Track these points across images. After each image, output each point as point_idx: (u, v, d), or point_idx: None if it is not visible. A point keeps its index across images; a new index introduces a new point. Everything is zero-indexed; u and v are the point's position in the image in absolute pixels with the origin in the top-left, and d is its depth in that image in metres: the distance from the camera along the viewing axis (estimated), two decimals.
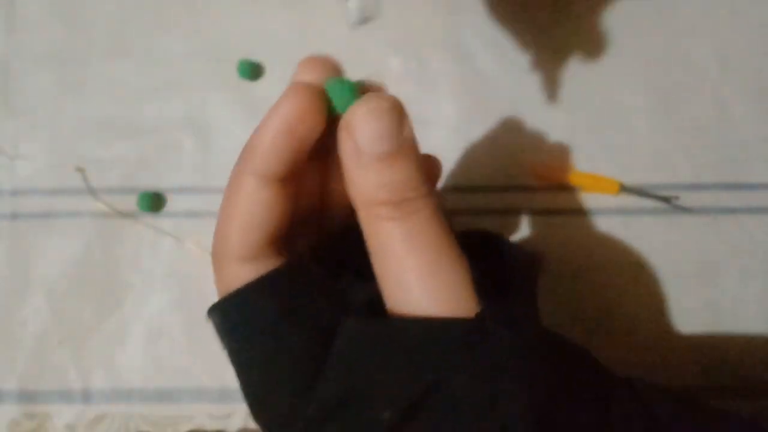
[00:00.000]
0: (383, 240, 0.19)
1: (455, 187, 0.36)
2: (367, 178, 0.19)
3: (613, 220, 0.35)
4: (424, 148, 0.36)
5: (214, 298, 0.34)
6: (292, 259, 0.21)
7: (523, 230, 0.35)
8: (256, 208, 0.20)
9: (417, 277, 0.18)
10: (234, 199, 0.20)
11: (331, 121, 0.20)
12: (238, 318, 0.21)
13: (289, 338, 0.20)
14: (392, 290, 0.19)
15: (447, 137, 0.36)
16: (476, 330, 0.18)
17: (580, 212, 0.35)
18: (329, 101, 0.20)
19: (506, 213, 0.35)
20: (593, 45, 0.38)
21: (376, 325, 0.19)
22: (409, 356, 0.18)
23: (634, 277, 0.34)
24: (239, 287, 0.20)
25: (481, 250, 0.21)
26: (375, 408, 0.18)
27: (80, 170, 0.36)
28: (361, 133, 0.19)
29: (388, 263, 0.19)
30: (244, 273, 0.20)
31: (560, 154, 0.36)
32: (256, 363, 0.20)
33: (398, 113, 0.20)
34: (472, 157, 0.36)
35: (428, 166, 0.24)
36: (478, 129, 0.37)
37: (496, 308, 0.18)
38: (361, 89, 0.21)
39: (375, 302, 0.19)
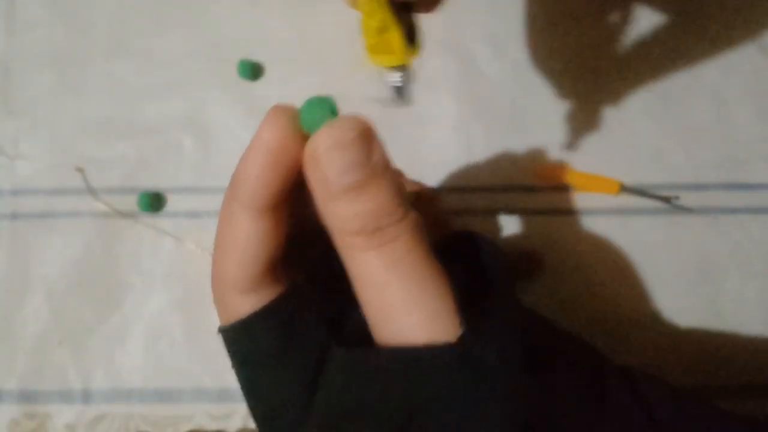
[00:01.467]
0: (361, 270, 0.18)
1: (455, 187, 0.36)
2: (338, 208, 0.18)
3: (613, 220, 0.35)
4: (425, 148, 0.36)
5: None
6: (289, 287, 0.21)
7: (523, 230, 0.35)
8: (251, 242, 0.20)
9: (398, 306, 0.18)
10: (227, 232, 0.20)
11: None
12: (240, 346, 0.21)
13: (289, 365, 0.20)
14: (376, 319, 0.19)
15: (447, 137, 0.36)
16: (458, 356, 0.18)
17: (580, 212, 0.35)
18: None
19: (506, 213, 0.35)
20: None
21: (361, 354, 0.19)
22: (394, 384, 0.18)
23: (634, 277, 0.34)
24: (241, 318, 0.20)
25: (462, 251, 0.22)
26: None
27: (80, 170, 0.36)
28: (327, 166, 0.18)
29: (369, 293, 0.18)
30: (244, 304, 0.20)
31: (560, 154, 0.36)
32: (259, 388, 0.21)
33: (365, 140, 0.19)
34: (472, 157, 0.36)
35: (416, 188, 0.24)
36: (478, 129, 0.37)
37: (478, 328, 0.18)
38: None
39: (365, 327, 0.19)
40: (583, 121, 0.37)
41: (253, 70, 0.38)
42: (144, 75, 0.38)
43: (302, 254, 0.22)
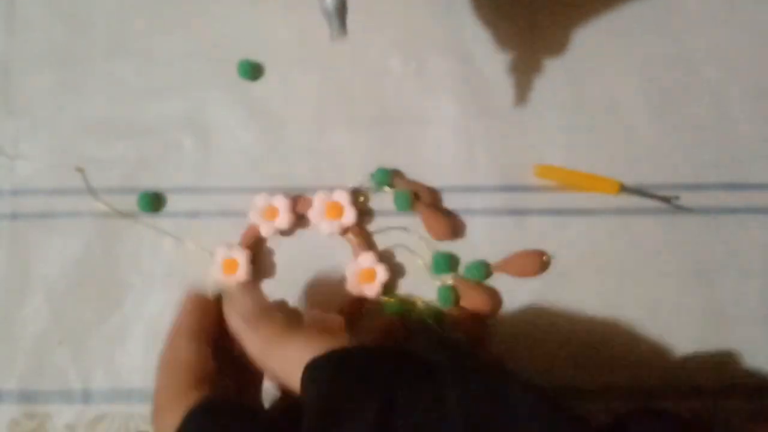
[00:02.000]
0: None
1: (455, 187, 0.36)
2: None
3: (613, 220, 0.35)
4: (425, 147, 0.36)
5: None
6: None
7: (523, 230, 0.35)
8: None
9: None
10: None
11: None
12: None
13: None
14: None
15: (447, 137, 0.36)
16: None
17: (580, 212, 0.35)
18: None
19: (506, 213, 0.35)
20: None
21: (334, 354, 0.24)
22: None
23: (634, 277, 0.34)
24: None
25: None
26: (360, 409, 0.22)
27: (80, 170, 0.36)
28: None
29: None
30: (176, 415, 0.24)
31: (560, 154, 0.36)
32: None
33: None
34: (472, 157, 0.36)
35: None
36: (478, 129, 0.37)
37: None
38: None
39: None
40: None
41: (253, 70, 0.38)
42: (144, 75, 0.38)
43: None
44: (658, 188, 0.35)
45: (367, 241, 0.34)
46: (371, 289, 0.33)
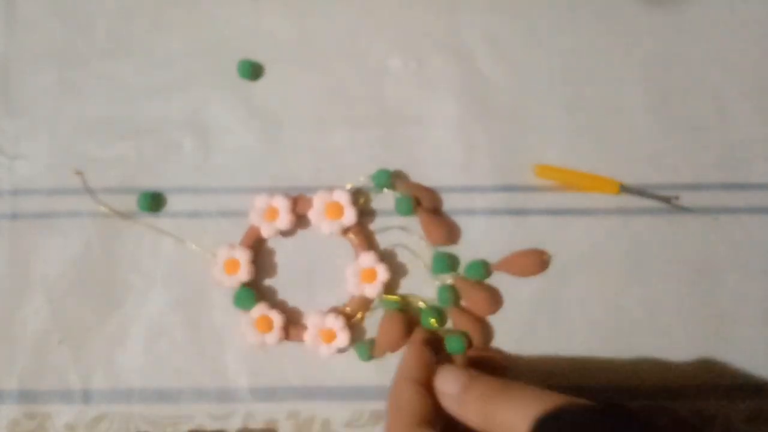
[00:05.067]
0: None
1: (455, 187, 0.36)
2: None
3: (613, 220, 0.35)
4: (425, 147, 0.36)
5: (214, 298, 0.34)
6: None
7: (523, 230, 0.35)
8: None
9: None
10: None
11: None
12: None
13: None
14: None
15: (447, 137, 0.36)
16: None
17: (580, 212, 0.35)
18: None
19: (506, 213, 0.35)
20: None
21: None
22: None
23: (634, 277, 0.34)
24: None
25: None
26: None
27: (79, 173, 0.36)
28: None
29: None
30: None
31: (560, 154, 0.36)
32: None
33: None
34: (472, 157, 0.36)
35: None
36: (478, 129, 0.37)
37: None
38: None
39: None
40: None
41: (253, 70, 0.38)
42: (144, 75, 0.38)
43: None
44: (658, 188, 0.35)
45: (368, 241, 0.34)
46: (372, 289, 0.33)
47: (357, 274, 0.33)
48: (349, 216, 0.34)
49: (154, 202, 0.35)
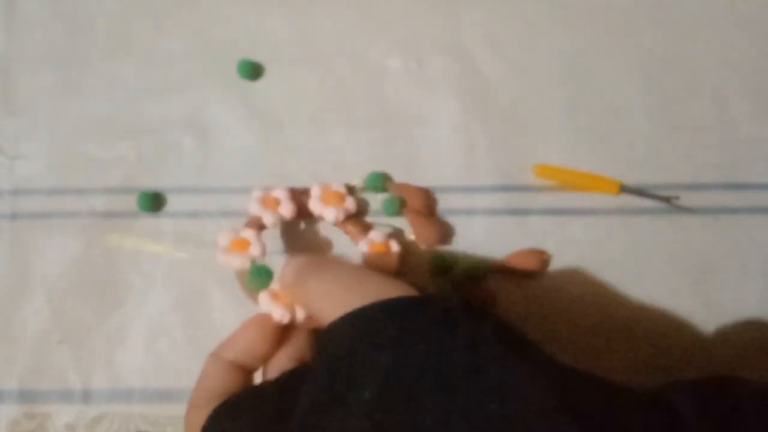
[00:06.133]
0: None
1: (455, 187, 0.36)
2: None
3: (613, 220, 0.35)
4: (425, 147, 0.36)
5: (214, 298, 0.34)
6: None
7: (523, 230, 0.35)
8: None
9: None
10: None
11: None
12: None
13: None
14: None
15: (447, 137, 0.36)
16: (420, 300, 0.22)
17: (580, 212, 0.35)
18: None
19: (507, 213, 0.35)
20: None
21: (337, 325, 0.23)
22: (371, 338, 0.21)
23: (634, 277, 0.34)
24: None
25: None
26: (356, 392, 0.20)
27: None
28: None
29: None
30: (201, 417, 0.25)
31: (560, 154, 0.36)
32: None
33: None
34: (472, 157, 0.36)
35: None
36: (478, 129, 0.37)
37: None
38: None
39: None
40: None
41: (253, 70, 0.38)
42: (144, 75, 0.38)
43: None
44: (658, 188, 0.35)
45: (366, 229, 0.34)
46: (390, 261, 0.32)
47: (369, 250, 0.32)
48: (351, 203, 0.34)
49: (154, 202, 0.35)
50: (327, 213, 0.33)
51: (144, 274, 0.35)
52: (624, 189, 0.35)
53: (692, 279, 0.34)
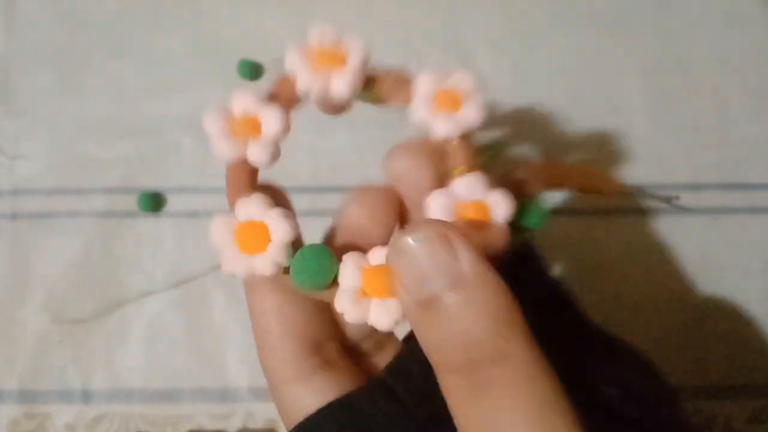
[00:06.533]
0: (459, 421, 0.14)
1: None
2: (417, 331, 0.14)
3: (613, 220, 0.35)
4: None
5: (214, 298, 0.34)
6: (360, 387, 0.18)
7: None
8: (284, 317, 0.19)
9: None
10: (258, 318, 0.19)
11: None
12: None
13: None
14: None
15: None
16: None
17: (580, 212, 0.35)
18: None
19: None
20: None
21: None
22: None
23: (635, 277, 0.34)
24: (301, 422, 0.18)
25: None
26: None
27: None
28: (398, 278, 0.14)
29: None
30: (299, 396, 0.18)
31: (560, 154, 0.36)
32: None
33: (444, 242, 0.14)
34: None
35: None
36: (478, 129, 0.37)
37: None
38: None
39: None
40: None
41: (253, 70, 0.37)
42: (144, 75, 0.38)
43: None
44: (658, 188, 0.35)
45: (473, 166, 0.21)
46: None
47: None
48: (474, 112, 0.20)
49: (155, 202, 0.35)
50: (438, 124, 0.20)
51: (144, 274, 0.35)
52: (624, 189, 0.35)
53: (692, 279, 0.34)
